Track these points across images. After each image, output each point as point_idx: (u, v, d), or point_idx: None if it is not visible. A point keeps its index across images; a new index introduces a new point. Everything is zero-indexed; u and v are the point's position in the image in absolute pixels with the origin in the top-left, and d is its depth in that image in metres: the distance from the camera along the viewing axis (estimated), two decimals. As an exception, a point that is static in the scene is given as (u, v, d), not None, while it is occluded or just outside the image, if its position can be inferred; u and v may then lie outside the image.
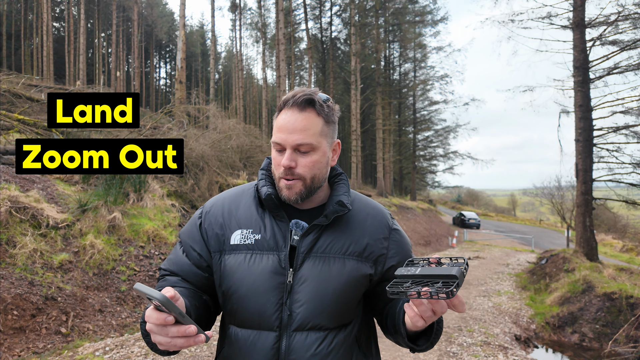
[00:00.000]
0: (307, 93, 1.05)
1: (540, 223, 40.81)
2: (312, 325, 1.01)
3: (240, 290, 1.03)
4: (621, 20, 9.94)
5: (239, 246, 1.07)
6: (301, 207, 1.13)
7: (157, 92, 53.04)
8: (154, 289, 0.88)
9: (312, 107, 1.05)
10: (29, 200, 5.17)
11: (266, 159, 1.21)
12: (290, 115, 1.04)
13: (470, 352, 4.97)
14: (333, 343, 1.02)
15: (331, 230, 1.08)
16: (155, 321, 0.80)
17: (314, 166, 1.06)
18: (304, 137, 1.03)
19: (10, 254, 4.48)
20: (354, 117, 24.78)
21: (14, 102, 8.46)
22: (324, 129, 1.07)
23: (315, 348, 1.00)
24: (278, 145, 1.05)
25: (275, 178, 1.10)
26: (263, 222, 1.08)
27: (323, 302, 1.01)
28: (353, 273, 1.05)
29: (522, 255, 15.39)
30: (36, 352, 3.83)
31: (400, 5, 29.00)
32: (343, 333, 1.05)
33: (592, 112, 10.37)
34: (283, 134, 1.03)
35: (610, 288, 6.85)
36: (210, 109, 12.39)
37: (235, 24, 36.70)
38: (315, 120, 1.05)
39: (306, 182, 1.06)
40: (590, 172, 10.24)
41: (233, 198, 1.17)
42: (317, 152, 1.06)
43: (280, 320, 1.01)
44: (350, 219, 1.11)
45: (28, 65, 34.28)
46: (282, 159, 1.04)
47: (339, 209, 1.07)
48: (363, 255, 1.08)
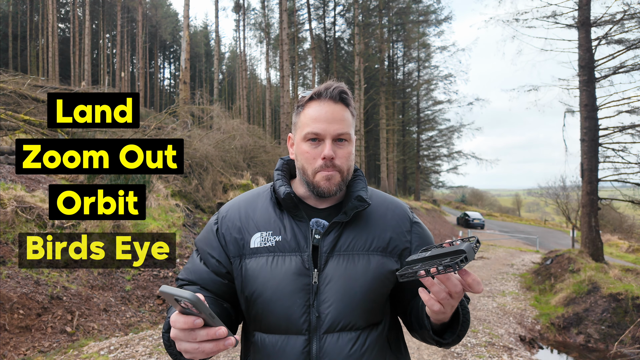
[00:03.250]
0: (340, 86, 1.05)
1: (545, 223, 40.58)
2: (342, 325, 0.98)
3: (265, 294, 1.00)
4: (627, 19, 9.86)
5: (260, 249, 1.04)
6: (319, 205, 1.11)
7: (162, 92, 53.25)
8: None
9: (345, 100, 1.06)
10: (35, 200, 5.21)
11: (280, 160, 1.19)
12: (327, 106, 1.03)
13: (474, 353, 4.95)
14: (366, 343, 1.00)
15: (352, 227, 1.06)
16: (183, 325, 0.75)
17: (349, 157, 1.06)
18: (343, 126, 1.03)
19: (16, 253, 4.51)
20: (357, 117, 24.77)
21: (20, 102, 8.52)
22: (353, 122, 1.09)
23: (349, 349, 0.97)
24: (316, 135, 1.03)
25: (305, 174, 1.07)
26: (282, 224, 1.06)
27: (352, 300, 0.99)
28: (379, 269, 1.03)
29: (527, 256, 15.30)
30: (42, 351, 3.86)
31: (404, 5, 28.96)
32: (375, 332, 1.03)
33: (598, 112, 10.30)
34: (322, 124, 1.02)
35: (616, 289, 6.80)
36: (214, 109, 12.43)
37: (239, 24, 36.81)
38: (347, 112, 1.06)
39: (343, 174, 1.05)
40: (595, 172, 10.17)
41: (249, 201, 1.14)
42: (351, 144, 1.06)
43: (309, 323, 0.98)
44: (370, 215, 1.10)
45: (34, 66, 34.53)
46: (322, 150, 1.02)
47: (359, 204, 1.05)
48: (387, 249, 1.06)
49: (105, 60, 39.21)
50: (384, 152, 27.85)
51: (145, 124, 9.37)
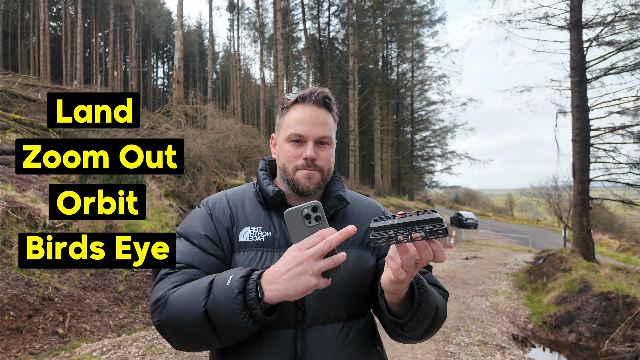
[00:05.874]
0: (323, 91, 1.10)
1: (538, 223, 40.93)
2: (325, 318, 1.03)
3: None
4: (618, 20, 9.98)
5: (249, 243, 1.07)
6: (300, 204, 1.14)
7: (155, 91, 52.90)
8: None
9: (328, 105, 1.11)
10: (26, 201, 5.15)
11: (262, 160, 1.23)
12: (311, 110, 1.09)
13: (467, 352, 4.98)
14: (350, 334, 1.04)
15: (331, 224, 1.11)
16: (339, 236, 0.81)
17: (330, 159, 1.11)
18: (325, 130, 1.09)
19: (6, 254, 4.46)
20: (351, 117, 24.79)
21: (11, 101, 8.41)
22: (334, 126, 1.14)
23: (333, 340, 1.02)
24: (299, 137, 1.08)
25: (286, 172, 1.11)
26: (271, 221, 1.10)
27: (331, 293, 1.03)
28: (357, 261, 1.08)
29: (520, 255, 15.43)
30: (33, 353, 3.82)
31: (398, 6, 29.05)
32: (358, 325, 1.07)
33: (589, 113, 10.40)
34: (305, 126, 1.07)
35: (607, 287, 6.88)
36: (207, 108, 12.38)
37: (233, 23, 36.69)
38: (329, 117, 1.11)
39: (323, 174, 1.10)
40: (587, 172, 10.28)
41: (236, 196, 1.17)
42: (332, 147, 1.12)
43: (295, 318, 1.02)
44: (347, 213, 1.17)
45: (25, 64, 34.14)
46: (304, 151, 1.07)
47: (338, 203, 1.12)
48: (364, 243, 1.13)
49: (98, 59, 38.85)
50: (378, 152, 27.93)
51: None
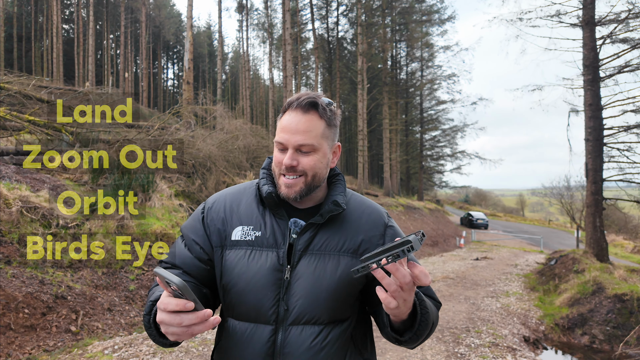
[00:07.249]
0: (311, 96, 1.09)
1: (549, 223, 40.38)
2: (307, 319, 1.04)
3: (239, 285, 1.06)
4: (632, 17, 9.79)
5: (240, 242, 1.10)
6: (300, 205, 1.17)
7: (165, 92, 53.41)
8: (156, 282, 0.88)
9: (315, 110, 1.09)
10: (39, 200, 5.24)
11: (267, 159, 1.25)
12: (294, 117, 1.08)
13: (478, 354, 4.94)
14: (328, 338, 1.05)
15: (327, 228, 1.12)
16: (175, 307, 0.81)
17: (315, 165, 1.10)
18: (305, 138, 1.07)
19: (21, 253, 4.54)
20: (360, 117, 24.72)
21: (25, 103, 8.56)
22: (326, 131, 1.11)
23: (310, 342, 1.03)
24: (280, 144, 1.09)
25: (275, 176, 1.15)
26: (264, 220, 1.12)
27: (317, 297, 1.04)
28: (347, 269, 1.08)
29: (531, 256, 15.24)
30: (47, 350, 3.88)
31: (407, 5, 28.87)
32: (338, 329, 1.07)
33: (602, 111, 10.23)
34: (286, 134, 1.08)
35: (621, 289, 6.75)
36: (217, 109, 12.46)
37: (242, 24, 36.83)
38: (318, 122, 1.09)
39: (307, 178, 1.10)
40: (600, 171, 10.10)
41: (235, 195, 1.21)
42: (318, 153, 1.10)
43: (277, 315, 1.04)
44: (345, 218, 1.15)
45: (38, 66, 34.74)
46: (284, 158, 1.08)
47: (334, 208, 1.11)
48: (358, 252, 1.11)
49: (109, 61, 39.38)
50: (387, 152, 27.79)
51: (148, 124, 9.41)
